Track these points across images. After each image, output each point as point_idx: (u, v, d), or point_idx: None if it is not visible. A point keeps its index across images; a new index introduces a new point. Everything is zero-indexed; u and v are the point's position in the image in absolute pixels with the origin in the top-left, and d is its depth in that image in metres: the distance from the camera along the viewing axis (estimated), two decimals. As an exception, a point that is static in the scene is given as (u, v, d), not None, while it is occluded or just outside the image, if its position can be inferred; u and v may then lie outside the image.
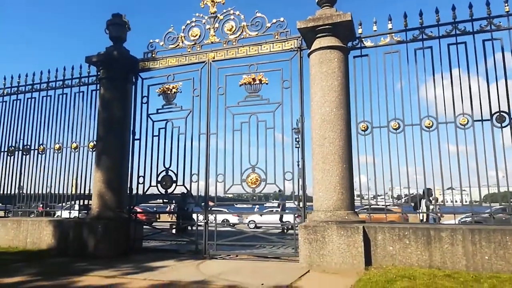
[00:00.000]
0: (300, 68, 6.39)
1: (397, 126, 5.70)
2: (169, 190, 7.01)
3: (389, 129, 5.74)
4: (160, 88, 7.42)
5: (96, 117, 7.66)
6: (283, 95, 6.40)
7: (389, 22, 5.98)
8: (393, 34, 5.95)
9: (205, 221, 6.47)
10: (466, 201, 5.69)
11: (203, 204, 6.75)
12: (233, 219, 21.15)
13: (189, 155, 6.85)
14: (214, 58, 7.05)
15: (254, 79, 6.62)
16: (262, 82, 6.60)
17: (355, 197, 5.90)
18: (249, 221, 20.56)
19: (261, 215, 22.04)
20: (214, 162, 6.59)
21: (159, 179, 7.08)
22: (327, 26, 5.82)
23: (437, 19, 5.71)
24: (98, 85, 7.81)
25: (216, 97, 6.83)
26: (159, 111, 7.38)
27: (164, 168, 7.07)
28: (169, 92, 7.33)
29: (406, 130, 5.65)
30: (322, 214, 5.44)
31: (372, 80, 5.93)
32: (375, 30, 6.05)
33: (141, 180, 7.22)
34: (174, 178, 6.98)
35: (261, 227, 18.60)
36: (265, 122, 6.43)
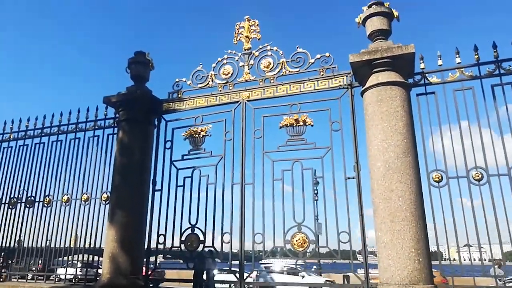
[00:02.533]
0: (352, 108, 5.77)
1: (480, 176, 4.90)
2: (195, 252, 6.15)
3: (470, 180, 4.94)
4: (186, 132, 6.86)
5: (112, 164, 7.05)
6: (332, 139, 5.73)
7: (457, 55, 5.44)
8: (462, 69, 5.36)
9: (241, 294, 5.52)
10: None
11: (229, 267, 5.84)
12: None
13: (220, 209, 6.07)
14: (249, 97, 6.52)
15: (297, 120, 6.01)
16: (307, 123, 5.98)
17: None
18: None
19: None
20: (250, 219, 5.80)
21: (183, 238, 6.26)
22: (385, 60, 5.28)
23: (516, 50, 5.12)
24: (116, 129, 7.30)
25: (252, 141, 6.20)
26: (185, 157, 6.75)
27: (190, 225, 6.27)
28: (196, 135, 6.74)
29: (491, 181, 4.84)
30: (395, 289, 4.48)
31: (441, 121, 5.26)
32: (440, 65, 5.50)
33: (161, 239, 6.40)
34: (202, 238, 6.15)
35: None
36: (311, 170, 5.73)
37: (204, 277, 10.13)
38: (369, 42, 5.80)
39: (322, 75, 6.14)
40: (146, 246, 6.46)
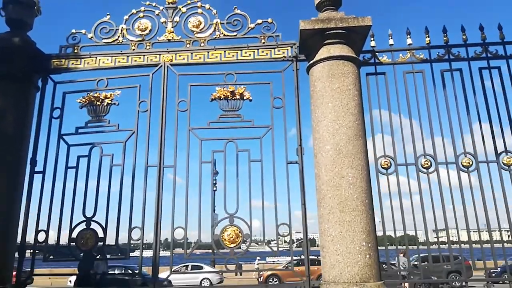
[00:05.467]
0: (297, 83, 5.38)
1: (428, 164, 4.95)
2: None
3: (418, 168, 4.95)
4: (84, 98, 5.68)
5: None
6: (273, 117, 5.27)
7: (408, 36, 5.47)
8: (413, 51, 5.40)
9: (153, 304, 4.65)
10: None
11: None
12: None
13: (129, 198, 5.08)
14: (172, 61, 5.66)
15: (232, 93, 5.39)
16: (245, 97, 5.40)
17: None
18: (202, 279, 18.50)
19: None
20: (169, 210, 4.98)
21: (74, 235, 5.08)
22: (340, 31, 5.01)
23: (464, 38, 5.37)
24: (-21, 88, 5.68)
25: (175, 114, 5.38)
26: (80, 130, 5.58)
27: (85, 219, 5.13)
28: (98, 103, 5.61)
29: (439, 169, 4.92)
30: (345, 289, 4.19)
31: (391, 104, 5.21)
32: (391, 45, 5.47)
33: (42, 236, 5.11)
34: (101, 234, 5.06)
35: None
36: (248, 152, 5.16)
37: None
38: (316, 14, 5.49)
39: (264, 43, 5.63)
40: (19, 246, 5.09)
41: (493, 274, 8.21)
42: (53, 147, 5.50)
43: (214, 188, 21.70)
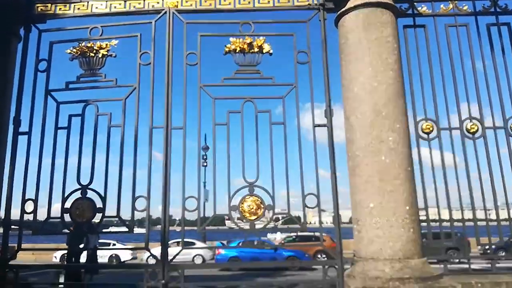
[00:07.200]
0: (324, 35, 4.71)
1: (475, 128, 4.41)
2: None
3: (463, 133, 4.41)
4: (75, 48, 4.89)
5: None
6: (298, 74, 4.61)
7: (449, -16, 4.81)
8: (456, 1, 4.78)
9: (163, 281, 4.05)
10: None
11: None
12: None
13: (132, 164, 4.40)
14: (177, 7, 4.90)
15: (250, 45, 4.69)
16: (264, 51, 4.71)
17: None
18: (195, 256, 17.86)
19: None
20: (179, 177, 4.34)
21: (68, 204, 4.40)
22: (377, -27, 4.32)
23: (512, -12, 4.74)
24: None
25: (184, 68, 4.66)
26: (71, 86, 4.83)
27: (80, 186, 4.44)
28: (92, 54, 4.84)
29: (487, 134, 4.40)
30: (387, 267, 3.69)
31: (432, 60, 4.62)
32: (431, -7, 4.81)
33: (30, 207, 4.42)
34: (99, 204, 4.39)
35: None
36: (269, 113, 4.51)
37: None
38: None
39: (285, -12, 4.91)
40: (4, 218, 4.40)
41: (488, 251, 8.00)
42: (39, 104, 4.74)
43: (205, 164, 20.77)
